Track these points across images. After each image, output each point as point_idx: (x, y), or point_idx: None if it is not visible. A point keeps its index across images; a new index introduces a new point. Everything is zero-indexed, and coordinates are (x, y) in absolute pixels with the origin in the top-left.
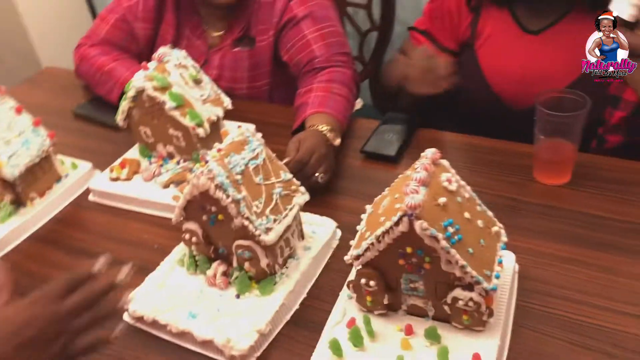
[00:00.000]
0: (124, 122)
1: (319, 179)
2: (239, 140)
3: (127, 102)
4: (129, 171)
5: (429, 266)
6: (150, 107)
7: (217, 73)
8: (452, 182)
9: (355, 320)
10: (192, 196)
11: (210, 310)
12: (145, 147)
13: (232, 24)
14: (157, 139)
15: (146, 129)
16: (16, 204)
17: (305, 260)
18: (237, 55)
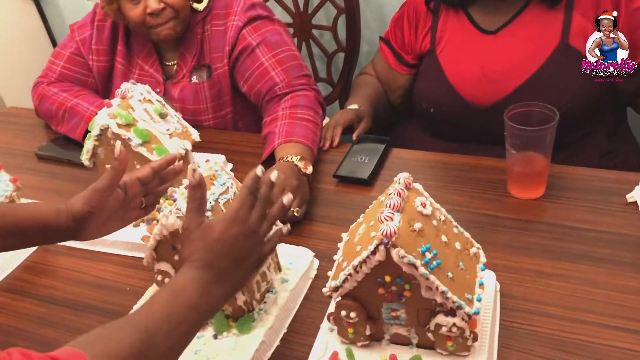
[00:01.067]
0: (89, 161)
1: (295, 213)
2: (207, 175)
3: (92, 140)
4: None
5: (410, 293)
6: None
7: (179, 106)
8: (427, 206)
9: (338, 354)
10: (161, 236)
11: (188, 353)
12: None
13: (184, 53)
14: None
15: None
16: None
17: (284, 293)
18: (197, 87)
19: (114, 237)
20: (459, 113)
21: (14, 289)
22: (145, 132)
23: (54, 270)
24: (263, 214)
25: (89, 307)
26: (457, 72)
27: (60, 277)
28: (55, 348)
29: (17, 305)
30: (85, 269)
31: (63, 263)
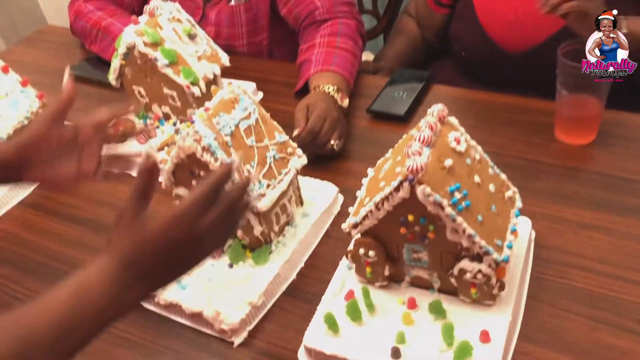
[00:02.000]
0: (116, 81)
1: (334, 147)
2: (229, 99)
3: (118, 59)
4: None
5: (433, 235)
6: (143, 64)
7: (215, 30)
8: (461, 142)
9: (354, 292)
10: (179, 159)
11: (201, 280)
12: (141, 108)
13: None
14: (152, 98)
15: (140, 88)
16: None
17: (304, 227)
18: (234, 10)
19: (137, 159)
20: (490, 58)
21: (37, 205)
22: (173, 52)
23: (76, 189)
24: (220, 218)
25: (109, 229)
26: (490, 15)
27: (80, 197)
28: (73, 267)
29: (39, 222)
30: (108, 190)
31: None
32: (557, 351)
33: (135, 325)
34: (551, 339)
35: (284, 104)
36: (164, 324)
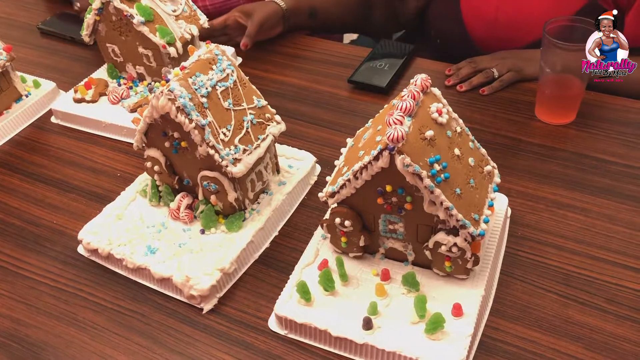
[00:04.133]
0: (89, 37)
1: None
2: (206, 59)
3: (92, 14)
4: (95, 92)
5: (410, 207)
6: (118, 21)
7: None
8: (443, 114)
9: (328, 262)
10: (152, 119)
11: (172, 245)
12: (114, 67)
13: None
14: (126, 58)
15: (114, 47)
16: None
17: (279, 196)
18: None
19: (109, 119)
20: (466, 54)
21: (3, 163)
22: (149, 10)
23: (44, 148)
24: None
25: (76, 189)
26: (474, 11)
27: (50, 156)
28: (39, 226)
29: (4, 180)
30: (77, 150)
31: (55, 142)
32: (528, 327)
33: (101, 288)
34: (522, 315)
35: (264, 70)
36: (131, 287)
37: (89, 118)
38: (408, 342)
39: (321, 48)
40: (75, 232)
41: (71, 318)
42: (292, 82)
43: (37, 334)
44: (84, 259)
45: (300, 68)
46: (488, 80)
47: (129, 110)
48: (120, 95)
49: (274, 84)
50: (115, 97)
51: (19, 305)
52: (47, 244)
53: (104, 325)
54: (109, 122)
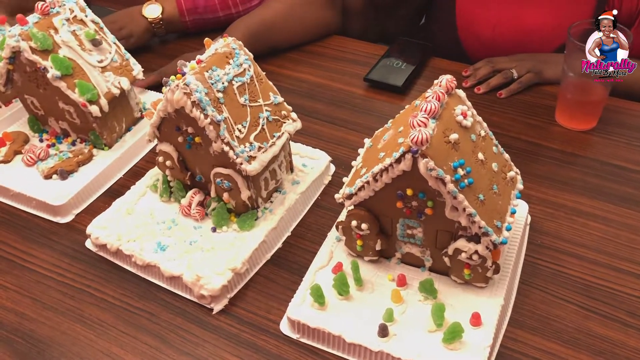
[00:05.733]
0: (4, 87)
1: None
2: (223, 52)
3: (4, 63)
4: (9, 150)
5: (431, 212)
6: (33, 72)
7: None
8: (468, 117)
9: (342, 265)
10: (166, 113)
11: (182, 243)
12: (36, 120)
13: None
14: (48, 112)
15: (33, 99)
16: None
17: (293, 195)
18: None
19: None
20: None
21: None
22: (67, 62)
23: None
24: None
25: None
26: (469, 26)
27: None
28: (46, 219)
29: None
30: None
31: None
32: (547, 338)
33: (109, 284)
34: (542, 326)
35: (278, 66)
36: (140, 285)
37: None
38: (425, 351)
39: (337, 45)
40: (83, 226)
41: (77, 314)
42: (307, 79)
43: (43, 330)
44: (92, 253)
45: (315, 65)
46: (507, 82)
47: (42, 175)
48: (37, 156)
49: (289, 80)
50: (30, 157)
51: (25, 300)
52: (54, 237)
53: (111, 323)
54: (17, 190)
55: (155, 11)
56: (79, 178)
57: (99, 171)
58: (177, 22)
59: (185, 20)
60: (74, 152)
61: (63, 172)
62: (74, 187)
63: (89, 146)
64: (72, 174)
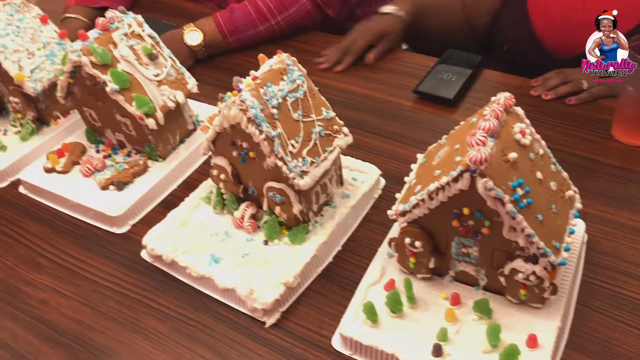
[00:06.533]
0: (64, 99)
1: None
2: (277, 69)
3: (65, 77)
4: (67, 161)
5: (488, 231)
6: (92, 86)
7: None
8: (526, 135)
9: (395, 282)
10: (221, 128)
11: (235, 255)
12: (93, 131)
13: None
14: (105, 123)
15: (91, 111)
16: (39, 122)
17: (343, 209)
18: None
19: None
20: (534, 59)
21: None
22: (125, 76)
23: None
24: None
25: None
26: (541, 11)
27: None
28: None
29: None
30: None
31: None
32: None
33: (165, 295)
34: (601, 350)
35: (326, 77)
36: (194, 296)
37: (53, 193)
38: None
39: (385, 56)
40: (139, 236)
41: (135, 324)
42: (355, 91)
43: (102, 339)
44: (147, 264)
45: (363, 76)
46: (576, 92)
47: (100, 186)
48: (94, 167)
49: (337, 92)
50: (88, 169)
51: (84, 308)
52: (111, 247)
53: (166, 334)
54: (75, 200)
55: (197, 38)
56: (135, 189)
57: (154, 182)
58: (219, 44)
59: (229, 42)
60: (129, 164)
61: (120, 184)
62: (130, 198)
63: (144, 158)
64: (127, 185)
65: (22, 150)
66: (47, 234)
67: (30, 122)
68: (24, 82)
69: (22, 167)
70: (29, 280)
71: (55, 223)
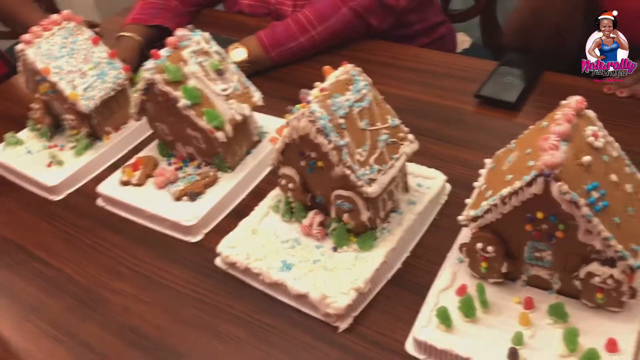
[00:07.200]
0: (138, 115)
1: None
2: (343, 79)
3: (139, 95)
4: (142, 174)
5: (563, 235)
6: (165, 102)
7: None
8: (599, 138)
9: (467, 287)
10: (290, 139)
11: (306, 262)
12: (165, 145)
13: None
14: (176, 137)
15: (163, 126)
16: (92, 137)
17: (410, 215)
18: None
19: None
20: None
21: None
22: (196, 92)
23: None
24: None
25: None
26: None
27: None
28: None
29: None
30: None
31: None
32: None
33: (240, 301)
34: None
35: (386, 85)
36: (267, 301)
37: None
38: None
39: (444, 61)
40: (211, 244)
41: (213, 329)
42: (416, 97)
43: (182, 343)
44: (221, 271)
45: (423, 82)
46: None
47: (173, 197)
48: (168, 179)
49: (398, 99)
50: (162, 181)
51: (164, 314)
52: (187, 255)
53: (244, 339)
54: (151, 211)
55: (241, 54)
56: (207, 199)
57: (225, 193)
58: (263, 59)
59: (271, 55)
60: (200, 175)
61: (192, 194)
62: (203, 208)
63: (214, 169)
64: (200, 196)
65: (78, 164)
66: (125, 244)
67: (85, 137)
68: (77, 101)
69: (78, 180)
70: (111, 288)
71: (132, 233)
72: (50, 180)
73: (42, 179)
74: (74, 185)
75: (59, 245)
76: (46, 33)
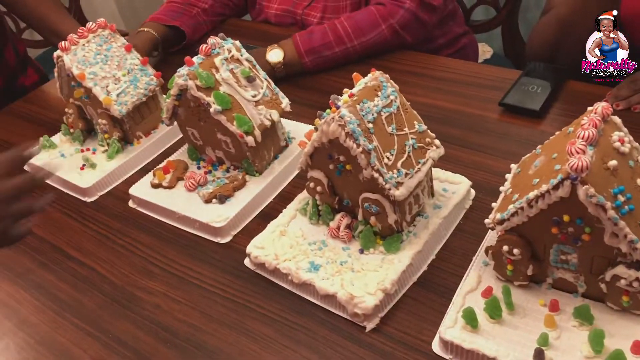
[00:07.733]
0: (169, 120)
1: None
2: (372, 85)
3: (171, 100)
4: (172, 177)
5: (589, 238)
6: (196, 107)
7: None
8: (625, 143)
9: (492, 289)
10: (320, 143)
11: (333, 263)
12: (195, 149)
13: None
14: (206, 142)
15: (193, 130)
16: (124, 142)
17: (435, 219)
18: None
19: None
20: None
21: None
22: (227, 98)
23: None
24: (24, 186)
25: None
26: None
27: None
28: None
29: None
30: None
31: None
32: None
33: (269, 301)
34: None
35: (411, 93)
36: (295, 301)
37: (162, 206)
38: None
39: (469, 70)
40: (241, 245)
41: (242, 327)
42: (441, 105)
43: (213, 341)
44: (250, 271)
45: (448, 91)
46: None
47: (203, 200)
48: (197, 182)
49: (423, 107)
50: (192, 184)
51: (195, 313)
52: (216, 255)
53: (272, 337)
54: (182, 213)
55: (278, 56)
56: (236, 202)
57: (253, 196)
58: (296, 63)
59: (305, 61)
60: (229, 178)
61: (222, 197)
62: (232, 211)
63: (242, 173)
64: (229, 198)
65: (109, 167)
66: (156, 244)
67: (117, 141)
68: (111, 106)
69: (110, 183)
70: (143, 287)
71: (163, 234)
72: (84, 182)
73: (75, 181)
74: (106, 187)
75: (92, 245)
76: (82, 40)
